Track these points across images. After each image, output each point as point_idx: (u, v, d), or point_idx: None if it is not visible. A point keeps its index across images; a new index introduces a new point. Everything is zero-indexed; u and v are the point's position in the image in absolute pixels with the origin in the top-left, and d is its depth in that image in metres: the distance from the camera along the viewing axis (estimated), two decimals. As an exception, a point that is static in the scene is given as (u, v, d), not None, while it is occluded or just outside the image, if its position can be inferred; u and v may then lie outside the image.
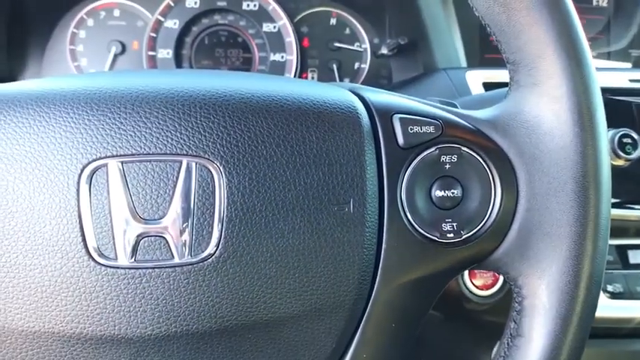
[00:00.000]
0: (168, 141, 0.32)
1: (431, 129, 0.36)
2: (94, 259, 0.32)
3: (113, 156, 0.32)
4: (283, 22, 0.86)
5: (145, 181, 0.32)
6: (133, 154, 0.32)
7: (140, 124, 0.32)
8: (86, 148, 0.32)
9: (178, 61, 0.86)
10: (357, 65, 0.90)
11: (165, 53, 0.85)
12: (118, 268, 0.32)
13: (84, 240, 0.32)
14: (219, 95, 0.34)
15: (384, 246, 0.36)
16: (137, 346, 0.33)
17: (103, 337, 0.33)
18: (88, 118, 0.32)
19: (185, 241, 0.32)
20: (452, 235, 0.36)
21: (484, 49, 0.89)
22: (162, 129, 0.32)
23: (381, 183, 0.36)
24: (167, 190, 0.32)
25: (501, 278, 0.63)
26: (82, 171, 0.32)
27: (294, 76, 0.87)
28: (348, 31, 0.90)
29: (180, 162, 0.32)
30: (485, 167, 0.37)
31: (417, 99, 0.39)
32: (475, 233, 0.37)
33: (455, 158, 0.36)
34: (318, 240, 0.34)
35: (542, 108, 0.35)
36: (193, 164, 0.32)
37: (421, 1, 0.81)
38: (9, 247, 0.32)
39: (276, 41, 0.87)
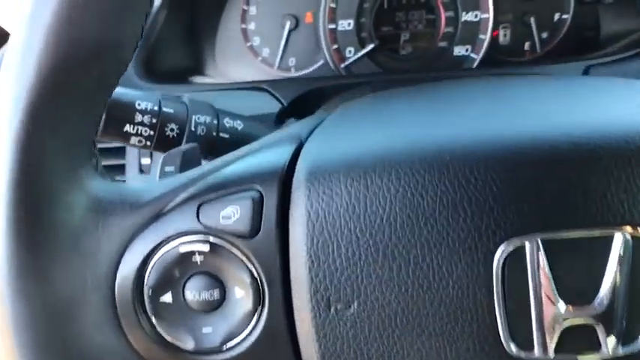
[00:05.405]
0: (597, 209, 0.26)
1: None
2: (505, 349, 0.27)
3: (532, 232, 0.26)
4: (476, -25, 0.75)
5: (570, 259, 0.26)
6: (554, 230, 0.26)
7: (561, 189, 0.26)
8: (499, 224, 0.27)
9: (358, 31, 0.78)
10: (557, 16, 0.78)
11: (346, 25, 0.77)
12: None
13: (495, 326, 0.27)
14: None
15: None
16: None
17: None
18: (497, 185, 0.27)
19: (615, 328, 0.27)
20: None
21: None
22: (586, 193, 0.26)
23: None
24: (596, 270, 0.27)
25: None
26: (495, 250, 0.27)
27: (488, 36, 0.77)
28: (546, -24, 0.78)
29: (612, 235, 0.26)
30: None
31: None
32: None
33: None
34: None
35: None
36: (629, 237, 0.26)
37: None
38: (409, 328, 0.28)
39: (468, -3, 0.76)
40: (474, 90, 0.36)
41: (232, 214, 0.30)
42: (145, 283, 0.31)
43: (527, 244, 0.27)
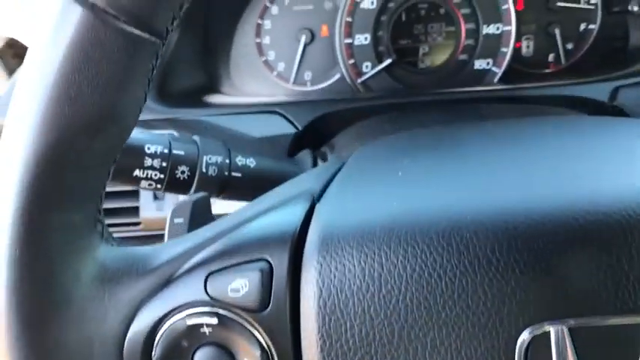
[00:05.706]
0: (629, 294, 0.24)
1: None
2: None
3: (558, 319, 0.25)
4: (498, -15, 0.73)
5: (599, 347, 0.25)
6: (582, 317, 0.25)
7: (590, 272, 0.24)
8: (522, 309, 0.25)
9: (375, 45, 0.76)
10: (583, 27, 0.75)
11: (363, 39, 0.75)
12: None
13: None
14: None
15: None
16: None
17: None
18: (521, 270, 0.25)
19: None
20: None
21: None
22: (617, 277, 0.24)
23: None
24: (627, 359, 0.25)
25: None
26: (517, 336, 0.25)
27: (510, 49, 0.74)
28: (572, -15, 0.74)
29: (642, 324, 0.25)
30: None
31: None
32: None
33: None
34: None
35: None
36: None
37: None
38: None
39: (490, 9, 0.74)
40: (498, 142, 0.34)
41: (241, 287, 0.29)
42: (153, 354, 0.30)
43: (553, 331, 0.25)
